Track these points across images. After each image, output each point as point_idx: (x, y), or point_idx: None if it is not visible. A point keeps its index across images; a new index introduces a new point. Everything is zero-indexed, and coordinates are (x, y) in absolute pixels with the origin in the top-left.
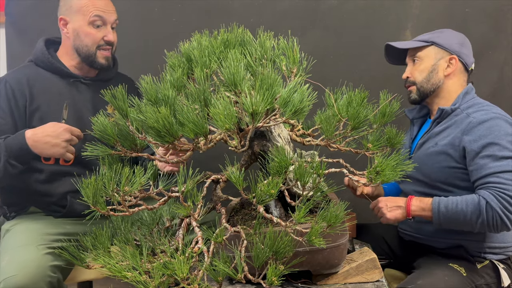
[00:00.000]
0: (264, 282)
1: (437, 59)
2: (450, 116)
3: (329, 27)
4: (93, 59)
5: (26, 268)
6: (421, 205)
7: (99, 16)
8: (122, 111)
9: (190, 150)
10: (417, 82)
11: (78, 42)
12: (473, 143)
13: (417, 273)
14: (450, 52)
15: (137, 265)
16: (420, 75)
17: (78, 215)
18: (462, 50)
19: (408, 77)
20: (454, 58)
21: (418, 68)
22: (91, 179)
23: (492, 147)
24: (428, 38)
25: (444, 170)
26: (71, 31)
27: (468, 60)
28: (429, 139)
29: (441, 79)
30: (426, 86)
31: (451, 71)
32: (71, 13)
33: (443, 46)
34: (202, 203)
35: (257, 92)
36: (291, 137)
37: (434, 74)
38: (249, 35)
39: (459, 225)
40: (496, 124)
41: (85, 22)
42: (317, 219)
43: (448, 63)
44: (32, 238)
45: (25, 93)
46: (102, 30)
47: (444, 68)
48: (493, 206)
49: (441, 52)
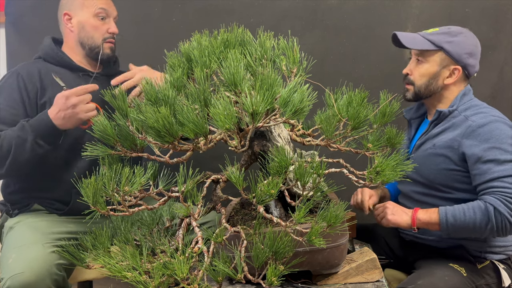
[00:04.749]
0: (264, 282)
1: (441, 67)
2: (448, 118)
3: (329, 27)
4: (99, 51)
5: (33, 266)
6: (427, 218)
7: (103, 9)
8: (122, 111)
9: (190, 150)
10: (416, 85)
11: (83, 34)
12: (474, 148)
13: (417, 273)
14: (456, 62)
15: (137, 265)
16: (420, 79)
17: (81, 213)
18: (469, 61)
19: (408, 75)
20: (458, 69)
21: (420, 71)
22: (91, 179)
23: (494, 151)
24: (439, 41)
25: (442, 172)
26: (76, 25)
27: (472, 70)
28: (427, 141)
29: (440, 87)
30: (424, 91)
31: (452, 81)
32: (75, 8)
33: (451, 55)
34: (202, 203)
35: (257, 92)
36: (291, 137)
37: (434, 81)
38: (249, 35)
39: (468, 232)
40: (496, 128)
41: (90, 15)
42: (317, 219)
43: (451, 72)
44: (38, 236)
45: (36, 85)
46: (107, 22)
47: (445, 77)
48: (501, 211)
49: (447, 60)
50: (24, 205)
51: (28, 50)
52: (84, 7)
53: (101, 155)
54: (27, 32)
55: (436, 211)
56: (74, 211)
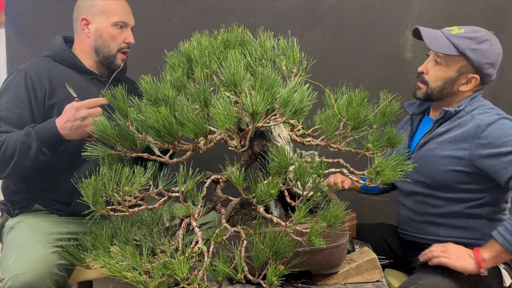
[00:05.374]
0: (264, 282)
1: (459, 73)
2: (454, 117)
3: (329, 27)
4: (112, 60)
5: (34, 266)
6: (491, 254)
7: (122, 21)
8: (122, 111)
9: (190, 150)
10: (430, 86)
11: (100, 42)
12: (489, 147)
13: (418, 273)
14: (476, 71)
15: (137, 265)
16: (435, 82)
17: (82, 214)
18: (489, 71)
19: (423, 73)
20: (476, 78)
21: (436, 73)
22: (91, 179)
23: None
24: (463, 47)
25: (448, 173)
26: (93, 31)
27: (489, 79)
28: (431, 140)
29: (453, 92)
30: (436, 94)
31: (467, 89)
32: (94, 14)
33: (472, 63)
34: (202, 203)
35: (257, 92)
36: (291, 137)
37: (449, 86)
38: (249, 35)
39: None
40: (504, 123)
41: (109, 24)
42: (317, 219)
43: (468, 80)
44: (39, 236)
45: (45, 86)
46: (124, 32)
47: (461, 83)
48: None
49: (467, 67)
50: (25, 205)
51: (28, 50)
52: (104, 15)
53: (101, 155)
54: (27, 32)
55: (494, 241)
56: (75, 212)
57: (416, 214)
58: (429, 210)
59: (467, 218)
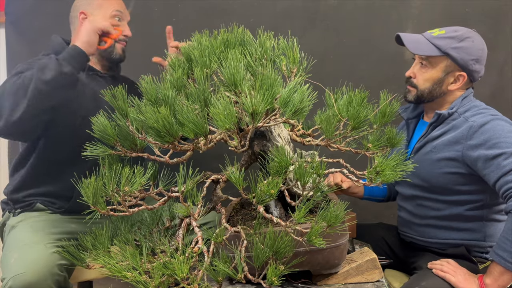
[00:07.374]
0: (264, 282)
1: (446, 73)
2: (447, 120)
3: (329, 27)
4: (111, 51)
5: (34, 266)
6: (493, 277)
7: (119, 11)
8: (122, 111)
9: (190, 150)
10: (419, 88)
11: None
12: (479, 148)
13: (420, 274)
14: (462, 69)
15: (137, 265)
16: (423, 84)
17: (83, 212)
18: (475, 67)
19: (411, 78)
20: (463, 76)
21: (424, 76)
22: (91, 179)
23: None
24: (445, 47)
25: (445, 176)
26: None
27: (477, 75)
28: (426, 144)
29: (443, 92)
30: (426, 96)
31: (456, 87)
32: (92, 8)
33: (457, 62)
34: (202, 203)
35: (257, 92)
36: (291, 137)
37: (437, 87)
38: (249, 35)
39: None
40: (497, 124)
41: (106, 17)
42: (317, 219)
43: (456, 79)
44: (40, 236)
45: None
46: (122, 25)
47: (449, 82)
48: None
49: (452, 66)
50: (26, 204)
51: (28, 50)
52: (102, 8)
53: (101, 155)
54: (27, 32)
55: (494, 264)
56: (76, 208)
57: (416, 217)
58: (429, 213)
59: (467, 220)
